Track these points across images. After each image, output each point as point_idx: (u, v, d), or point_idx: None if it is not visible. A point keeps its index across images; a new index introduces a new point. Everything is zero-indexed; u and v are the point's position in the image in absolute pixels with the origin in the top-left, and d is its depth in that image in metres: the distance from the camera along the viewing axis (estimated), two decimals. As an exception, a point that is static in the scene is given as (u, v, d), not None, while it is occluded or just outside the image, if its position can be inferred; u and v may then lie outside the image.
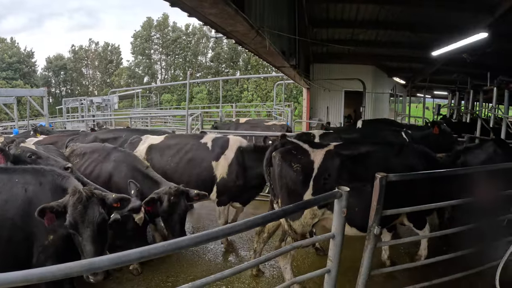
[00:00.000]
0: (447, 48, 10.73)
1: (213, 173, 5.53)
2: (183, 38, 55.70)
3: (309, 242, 3.22)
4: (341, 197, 2.87)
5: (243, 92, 47.27)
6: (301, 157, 4.24)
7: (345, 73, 15.77)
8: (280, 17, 7.80)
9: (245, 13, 4.89)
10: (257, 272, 4.93)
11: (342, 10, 11.61)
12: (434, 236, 5.01)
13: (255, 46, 6.41)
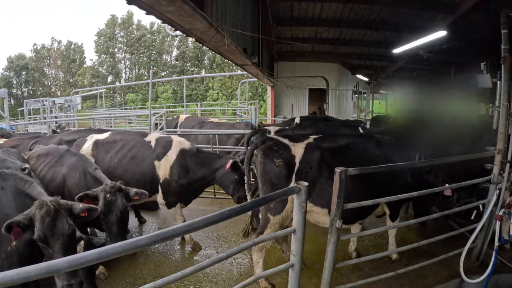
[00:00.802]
0: (408, 46, 11.08)
1: (155, 173, 5.51)
2: (147, 37, 54.60)
3: (270, 237, 3.25)
4: (300, 192, 2.90)
5: (208, 91, 46.99)
6: (282, 152, 4.34)
7: (309, 71, 16.01)
8: (243, 15, 7.81)
9: (204, 11, 4.90)
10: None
11: (306, 9, 11.71)
12: (396, 227, 5.20)
13: (216, 44, 6.41)
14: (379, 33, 13.31)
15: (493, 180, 4.91)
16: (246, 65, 9.43)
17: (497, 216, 4.90)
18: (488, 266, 4.84)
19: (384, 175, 4.46)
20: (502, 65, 5.03)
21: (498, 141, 4.94)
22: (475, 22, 10.23)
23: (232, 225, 6.37)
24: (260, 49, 10.33)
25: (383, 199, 4.02)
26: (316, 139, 4.59)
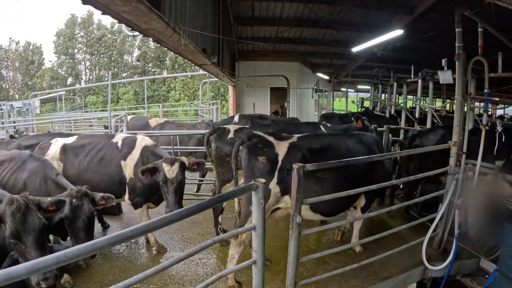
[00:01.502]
0: (366, 44, 11.37)
1: (122, 173, 5.41)
2: (108, 37, 52.74)
3: (230, 235, 3.24)
4: (257, 189, 2.91)
5: (170, 91, 46.32)
6: (266, 149, 4.51)
7: (270, 70, 16.09)
8: (203, 15, 7.76)
9: (161, 11, 4.83)
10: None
11: (267, 8, 11.77)
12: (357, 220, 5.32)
13: (173, 45, 6.34)
14: (339, 33, 13.60)
15: (450, 171, 5.12)
16: (205, 65, 9.38)
17: (455, 205, 5.13)
18: (450, 253, 5.05)
19: (359, 168, 4.77)
20: (456, 62, 5.24)
21: (454, 133, 5.16)
22: (433, 21, 10.68)
23: (196, 226, 6.32)
24: (220, 48, 10.29)
25: (342, 193, 4.11)
26: (300, 138, 4.78)
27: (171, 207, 4.84)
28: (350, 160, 4.32)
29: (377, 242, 5.33)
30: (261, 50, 16.31)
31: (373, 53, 14.41)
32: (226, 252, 5.36)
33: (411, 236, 5.24)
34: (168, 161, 4.88)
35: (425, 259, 5.00)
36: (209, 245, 2.79)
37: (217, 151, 5.63)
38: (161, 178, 4.88)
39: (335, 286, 4.49)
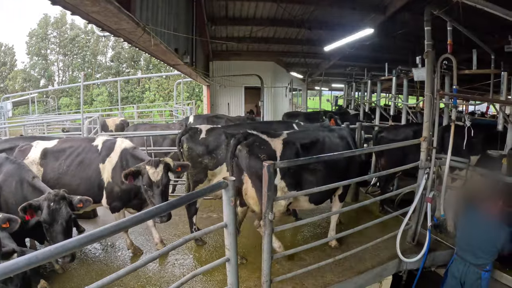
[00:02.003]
0: (337, 43, 11.54)
1: (101, 176, 5.21)
2: (81, 37, 51.47)
3: (202, 234, 3.24)
4: (227, 187, 2.91)
5: (145, 92, 45.74)
6: (264, 147, 4.78)
7: (244, 70, 15.96)
8: (176, 14, 7.70)
9: (131, 11, 4.80)
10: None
11: (241, 8, 11.81)
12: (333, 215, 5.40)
13: (144, 45, 6.29)
14: (312, 32, 13.70)
15: (421, 166, 5.24)
16: (178, 65, 9.33)
17: (427, 198, 5.28)
18: (424, 246, 5.19)
19: (339, 162, 5.12)
20: (425, 59, 5.37)
21: (424, 129, 5.29)
22: (405, 20, 10.93)
23: (172, 227, 6.27)
24: (193, 48, 10.23)
25: (315, 189, 4.33)
26: (289, 134, 5.12)
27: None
28: (322, 156, 4.55)
29: (352, 237, 5.46)
30: (235, 49, 16.30)
31: (346, 52, 14.63)
32: (202, 252, 5.39)
33: (386, 230, 5.34)
34: (152, 163, 4.68)
35: (399, 252, 5.11)
36: (180, 244, 2.78)
37: (189, 151, 5.57)
38: (145, 181, 4.67)
39: (312, 282, 4.53)
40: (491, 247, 4.33)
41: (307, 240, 5.78)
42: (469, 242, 4.50)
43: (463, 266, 4.53)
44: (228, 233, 3.02)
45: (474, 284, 4.43)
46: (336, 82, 22.21)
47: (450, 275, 4.78)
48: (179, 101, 21.89)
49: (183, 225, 6.23)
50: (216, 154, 5.56)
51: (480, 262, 4.40)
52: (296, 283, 4.50)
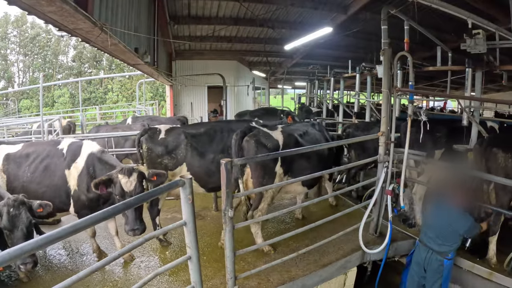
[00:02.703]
0: (297, 42, 11.75)
1: (67, 183, 4.79)
2: (42, 36, 49.27)
3: (161, 232, 3.23)
4: (184, 185, 2.90)
5: (107, 93, 44.56)
6: (269, 138, 5.24)
7: (207, 69, 15.99)
8: (137, 13, 7.59)
9: (88, 10, 4.70)
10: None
11: (204, 7, 11.76)
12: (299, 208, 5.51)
13: (103, 44, 6.16)
14: (275, 31, 13.86)
15: (379, 160, 5.41)
16: (139, 65, 9.16)
17: (387, 191, 5.44)
18: (386, 237, 5.35)
19: (323, 152, 5.76)
20: (382, 57, 5.53)
21: (382, 124, 5.45)
22: (366, 20, 11.24)
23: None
24: (155, 47, 10.11)
25: (276, 184, 4.57)
26: (284, 127, 5.68)
27: (131, 225, 4.35)
28: (283, 152, 4.91)
29: (316, 232, 5.53)
30: (198, 49, 16.31)
31: (309, 50, 14.85)
32: (168, 252, 5.35)
33: (349, 224, 5.45)
34: (125, 171, 4.33)
35: (362, 244, 5.25)
36: (140, 243, 2.76)
37: (148, 152, 5.49)
38: (117, 191, 4.32)
39: (277, 277, 4.57)
40: (454, 235, 4.54)
41: (271, 236, 5.82)
42: (433, 230, 4.68)
43: (426, 253, 4.70)
44: (187, 231, 3.00)
45: (437, 270, 4.62)
46: (299, 80, 22.46)
47: (413, 262, 4.95)
48: (142, 102, 21.48)
49: (149, 227, 6.15)
50: (176, 154, 5.51)
51: (442, 250, 4.58)
52: (261, 279, 4.53)
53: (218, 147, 5.68)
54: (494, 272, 4.89)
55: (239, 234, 5.55)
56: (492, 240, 5.03)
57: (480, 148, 5.30)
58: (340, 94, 11.86)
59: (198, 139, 5.64)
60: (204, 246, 5.48)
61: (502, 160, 5.00)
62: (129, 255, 5.19)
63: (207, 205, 7.20)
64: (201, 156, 5.57)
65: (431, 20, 9.68)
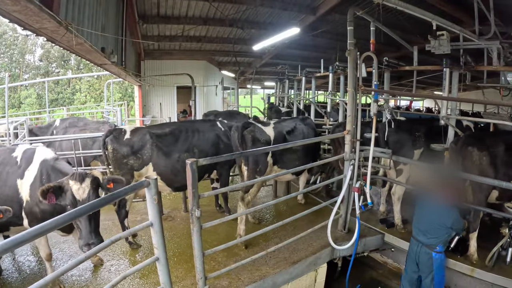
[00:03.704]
0: (265, 42, 11.85)
1: (19, 194, 4.29)
2: (9, 34, 47.47)
3: (127, 233, 3.20)
4: (149, 185, 2.91)
5: (75, 93, 43.42)
6: (262, 133, 5.85)
7: (176, 69, 15.90)
8: (104, 12, 7.44)
9: (54, 10, 4.60)
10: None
11: (173, 6, 11.64)
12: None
13: (68, 44, 6.04)
14: (244, 31, 13.88)
15: (346, 158, 5.52)
16: (105, 65, 8.98)
17: (354, 188, 5.57)
18: (355, 233, 5.49)
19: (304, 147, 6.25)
20: (348, 57, 5.64)
21: (347, 123, 5.57)
22: (334, 21, 11.42)
23: (106, 232, 5.97)
24: (123, 47, 9.95)
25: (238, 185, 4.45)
26: (275, 123, 6.26)
27: (86, 238, 3.78)
28: (236, 154, 5.17)
29: (285, 230, 5.66)
30: (167, 48, 16.18)
31: (278, 50, 14.94)
32: (137, 255, 5.31)
33: (318, 221, 5.55)
34: (76, 177, 3.84)
35: (331, 240, 5.34)
36: (106, 245, 2.74)
37: (114, 153, 5.44)
38: (68, 200, 3.82)
39: (247, 276, 4.62)
40: (440, 228, 4.69)
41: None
42: (422, 225, 4.85)
43: (416, 247, 4.88)
44: (154, 232, 3.00)
45: (427, 263, 4.78)
46: (268, 80, 22.55)
47: (407, 257, 5.13)
48: (110, 103, 21.02)
49: (116, 230, 6.06)
50: (142, 154, 5.50)
51: (430, 243, 4.75)
52: (232, 278, 4.56)
53: (183, 146, 5.75)
54: (475, 269, 5.08)
55: (209, 234, 5.60)
56: (473, 236, 5.24)
57: (456, 147, 5.49)
58: (312, 94, 11.86)
59: (163, 138, 5.66)
60: (174, 247, 5.47)
61: (476, 158, 5.20)
62: (98, 259, 5.07)
63: (177, 206, 7.20)
64: (166, 155, 5.60)
65: (398, 22, 9.96)
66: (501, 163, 5.16)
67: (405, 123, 6.71)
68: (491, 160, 5.15)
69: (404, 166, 6.16)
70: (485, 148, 5.19)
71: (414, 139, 6.27)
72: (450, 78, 6.28)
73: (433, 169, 5.79)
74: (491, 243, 5.15)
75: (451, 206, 4.79)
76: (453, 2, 8.87)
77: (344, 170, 5.64)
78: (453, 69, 6.14)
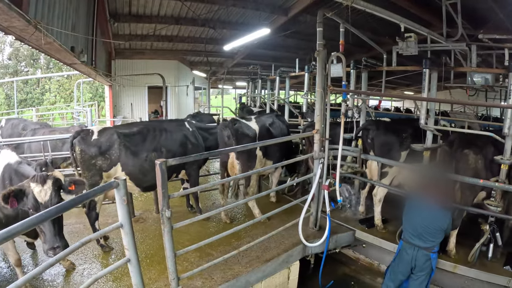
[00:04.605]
0: (236, 43, 11.90)
1: None
2: None
3: (97, 235, 3.18)
4: (118, 186, 2.92)
5: (45, 93, 42.15)
6: (249, 128, 6.42)
7: (148, 69, 15.73)
8: (74, 10, 7.31)
9: (23, 8, 4.54)
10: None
11: (145, 4, 11.50)
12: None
13: (37, 43, 5.92)
14: (216, 31, 13.87)
15: (315, 156, 5.64)
16: (75, 64, 8.82)
17: (324, 186, 5.69)
18: (326, 230, 5.59)
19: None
20: (317, 58, 5.75)
21: (316, 122, 5.68)
22: (306, 22, 11.54)
23: (77, 236, 5.90)
24: (93, 46, 9.79)
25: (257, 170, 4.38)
26: (256, 118, 6.83)
27: (50, 242, 3.59)
28: (205, 154, 5.42)
29: (256, 229, 5.74)
30: (139, 48, 15.99)
31: (250, 51, 14.98)
32: (110, 258, 5.28)
33: (290, 219, 5.64)
34: (37, 179, 3.64)
35: (302, 238, 5.43)
36: (76, 247, 2.73)
37: (82, 154, 5.38)
38: (30, 203, 3.60)
39: (220, 275, 4.66)
40: (437, 231, 4.71)
41: (211, 236, 5.91)
42: (415, 229, 4.81)
43: (412, 250, 4.81)
44: (124, 233, 3.00)
45: (425, 264, 4.77)
46: (240, 80, 22.54)
47: (399, 261, 5.03)
48: (80, 103, 20.55)
49: (88, 233, 5.93)
50: (110, 154, 5.46)
51: (428, 245, 4.74)
52: (205, 278, 4.59)
53: (151, 145, 5.76)
54: (458, 265, 5.27)
55: (182, 235, 5.61)
56: (453, 233, 5.44)
57: (450, 150, 5.62)
58: (286, 94, 11.85)
59: (131, 138, 5.65)
60: (147, 248, 5.45)
61: (472, 161, 5.37)
62: (70, 263, 4.99)
63: (149, 207, 7.17)
64: (135, 155, 5.59)
65: (368, 24, 10.16)
66: (491, 165, 5.38)
67: (392, 124, 6.80)
68: (485, 163, 5.35)
69: (390, 168, 6.27)
70: (480, 151, 5.37)
71: (401, 140, 6.34)
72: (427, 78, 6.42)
73: (425, 172, 5.92)
74: (468, 239, 5.43)
75: (445, 209, 4.85)
76: (423, 5, 9.09)
77: (314, 168, 5.75)
78: (433, 70, 6.27)
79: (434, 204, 4.78)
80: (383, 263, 6.23)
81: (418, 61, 6.79)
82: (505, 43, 6.45)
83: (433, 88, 6.31)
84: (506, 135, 5.28)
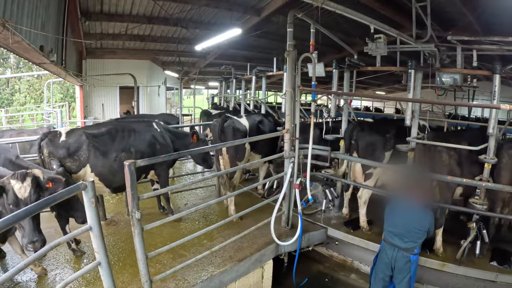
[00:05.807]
0: (207, 43, 11.96)
1: None
2: None
3: (66, 238, 3.13)
4: (86, 188, 2.90)
5: (14, 94, 41.00)
6: (240, 125, 6.79)
7: (119, 68, 15.58)
8: (44, 7, 7.10)
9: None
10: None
11: (117, 3, 11.37)
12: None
13: (5, 42, 5.76)
14: (189, 31, 13.87)
15: (285, 155, 5.72)
16: (44, 64, 8.60)
17: (295, 185, 5.76)
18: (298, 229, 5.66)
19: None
20: (287, 58, 5.81)
21: (286, 121, 5.75)
22: (278, 23, 11.65)
23: (49, 240, 5.68)
24: (63, 45, 9.57)
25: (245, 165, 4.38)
26: (246, 116, 7.29)
27: (30, 236, 3.69)
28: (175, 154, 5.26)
29: (229, 229, 5.75)
30: (110, 47, 15.79)
31: (222, 51, 14.97)
32: (82, 262, 5.17)
33: (262, 218, 5.69)
34: (17, 176, 3.78)
35: (274, 237, 5.47)
36: (45, 252, 2.70)
37: (50, 156, 5.28)
38: (10, 200, 3.71)
39: (194, 276, 4.65)
40: (418, 231, 4.68)
41: (184, 236, 5.90)
42: (396, 229, 4.78)
43: (392, 251, 4.79)
44: (94, 236, 2.97)
45: (404, 267, 4.73)
46: (213, 80, 22.46)
47: (379, 261, 5.03)
48: (51, 104, 20.02)
49: (60, 237, 5.89)
50: (78, 156, 5.37)
51: (408, 246, 4.70)
52: (178, 279, 4.57)
53: (120, 146, 5.69)
54: (446, 263, 5.39)
55: (154, 237, 5.58)
56: (439, 232, 5.57)
57: (424, 148, 5.76)
58: (263, 94, 11.85)
59: (99, 138, 5.57)
60: (119, 252, 5.37)
61: (446, 158, 5.52)
62: (41, 269, 4.87)
63: (120, 210, 7.04)
64: (104, 155, 5.51)
65: (339, 25, 10.32)
66: (466, 161, 5.53)
67: (375, 124, 6.88)
68: (459, 159, 5.49)
69: (374, 170, 6.34)
70: (453, 148, 5.49)
71: (385, 141, 6.43)
72: (406, 79, 6.62)
73: (405, 171, 6.04)
74: (453, 236, 5.62)
75: (427, 209, 4.87)
76: (395, 7, 9.30)
77: (285, 167, 5.81)
78: (417, 70, 6.39)
79: (415, 204, 4.81)
80: (356, 259, 6.43)
81: (389, 62, 6.92)
82: (473, 45, 6.68)
83: (417, 89, 6.48)
84: (490, 135, 5.45)
